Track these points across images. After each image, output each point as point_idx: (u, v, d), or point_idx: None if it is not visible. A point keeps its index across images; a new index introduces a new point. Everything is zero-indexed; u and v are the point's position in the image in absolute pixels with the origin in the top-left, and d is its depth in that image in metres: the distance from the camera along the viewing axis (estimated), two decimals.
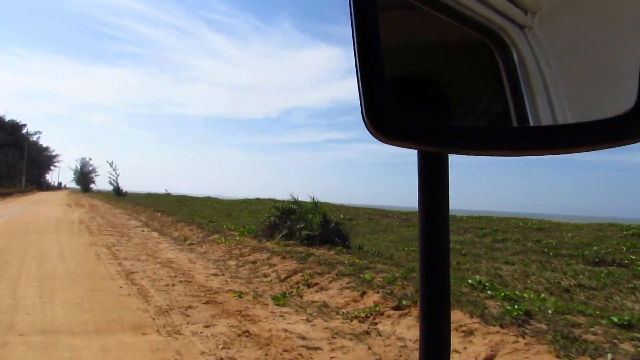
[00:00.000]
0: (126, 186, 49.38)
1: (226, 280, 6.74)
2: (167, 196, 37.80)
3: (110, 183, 49.07)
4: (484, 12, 0.65)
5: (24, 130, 70.16)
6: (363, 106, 0.48)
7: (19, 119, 77.05)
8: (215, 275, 7.15)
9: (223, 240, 10.64)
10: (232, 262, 8.52)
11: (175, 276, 6.85)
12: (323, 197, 11.19)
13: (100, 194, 52.43)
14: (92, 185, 69.09)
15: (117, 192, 47.54)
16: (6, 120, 65.97)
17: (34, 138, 76.63)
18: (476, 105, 0.67)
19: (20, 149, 64.22)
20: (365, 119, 0.48)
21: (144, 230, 14.22)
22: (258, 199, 26.75)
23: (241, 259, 8.68)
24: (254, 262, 8.16)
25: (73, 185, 75.65)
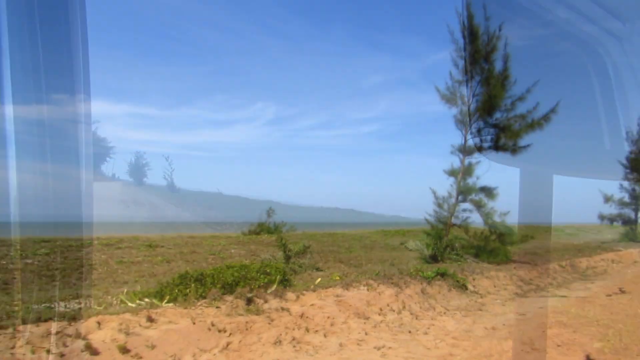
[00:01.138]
0: (177, 182, 45.61)
1: None
2: (220, 196, 33.31)
3: (165, 178, 45.54)
4: (578, 23, 0.64)
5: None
6: (471, 127, 0.90)
7: None
8: None
9: None
10: None
11: None
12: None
13: (154, 188, 48.49)
14: (144, 179, 66.17)
15: (171, 188, 43.95)
16: None
17: (93, 129, 74.30)
18: (570, 125, 0.72)
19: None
20: (474, 139, 0.65)
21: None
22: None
23: None
24: None
25: (126, 177, 73.02)
